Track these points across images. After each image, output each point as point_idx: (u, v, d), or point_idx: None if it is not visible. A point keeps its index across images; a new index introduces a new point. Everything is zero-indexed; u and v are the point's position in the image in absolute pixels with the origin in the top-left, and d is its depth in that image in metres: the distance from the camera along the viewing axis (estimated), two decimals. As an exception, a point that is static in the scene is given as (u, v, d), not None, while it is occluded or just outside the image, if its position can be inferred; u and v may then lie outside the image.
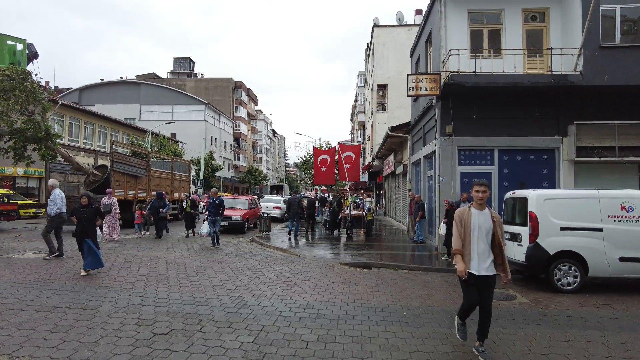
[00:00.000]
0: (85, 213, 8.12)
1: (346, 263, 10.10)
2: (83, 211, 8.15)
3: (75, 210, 8.37)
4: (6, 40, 13.62)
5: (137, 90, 53.79)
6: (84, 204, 8.24)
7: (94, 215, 8.29)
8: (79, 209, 8.21)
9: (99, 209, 8.79)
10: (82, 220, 8.10)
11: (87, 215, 8.12)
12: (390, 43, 32.48)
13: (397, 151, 21.87)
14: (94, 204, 8.78)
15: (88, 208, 8.24)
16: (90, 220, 8.16)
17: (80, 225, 8.09)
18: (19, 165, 15.59)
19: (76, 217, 8.21)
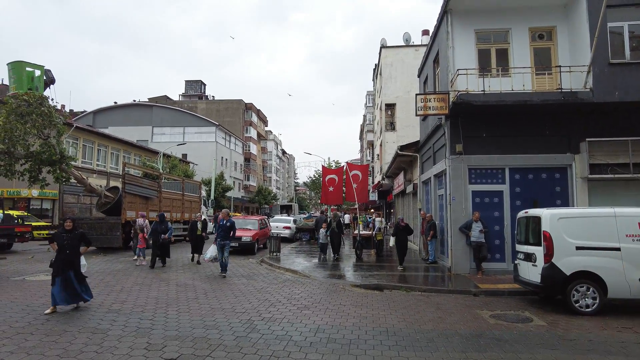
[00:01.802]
0: (68, 239, 6.93)
1: (357, 285, 9.96)
2: (66, 237, 6.95)
3: (55, 236, 7.11)
4: (25, 66, 14.08)
5: (150, 113, 54.86)
6: (67, 228, 7.01)
7: (79, 242, 7.12)
8: (61, 235, 6.99)
9: (84, 234, 7.41)
10: (64, 247, 6.86)
11: (72, 242, 6.95)
12: (397, 63, 32.83)
13: (406, 170, 21.79)
14: (79, 229, 7.48)
15: (72, 233, 7.03)
16: (74, 247, 6.99)
17: (63, 254, 6.84)
18: (33, 188, 15.82)
19: (57, 244, 6.93)
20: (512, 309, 7.70)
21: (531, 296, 8.73)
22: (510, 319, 6.91)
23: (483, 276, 11.11)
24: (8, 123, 12.73)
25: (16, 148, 13.07)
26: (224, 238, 11.07)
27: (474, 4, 12.47)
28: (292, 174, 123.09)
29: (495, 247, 11.91)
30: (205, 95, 73.07)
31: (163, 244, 12.52)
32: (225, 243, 11.07)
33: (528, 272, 8.14)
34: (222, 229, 11.11)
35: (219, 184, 45.77)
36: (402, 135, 30.14)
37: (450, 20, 12.70)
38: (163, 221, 13.07)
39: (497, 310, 7.54)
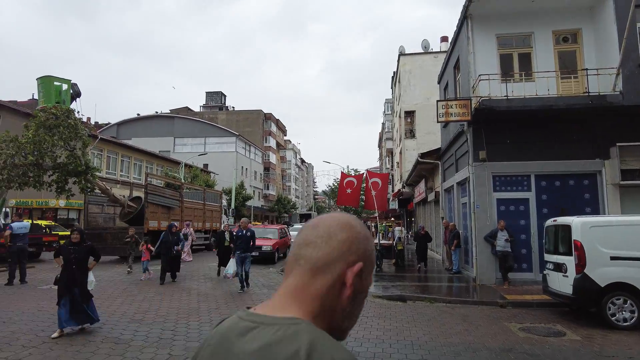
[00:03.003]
0: (76, 253, 6.27)
1: (379, 296, 9.76)
2: (73, 250, 6.26)
3: (61, 250, 6.48)
4: (53, 81, 14.55)
5: (171, 124, 55.97)
6: (75, 240, 6.33)
7: (87, 256, 6.46)
8: (67, 248, 6.32)
9: (93, 247, 6.73)
10: (71, 262, 6.20)
11: (79, 256, 6.29)
12: (416, 70, 32.65)
13: (427, 178, 21.48)
14: (87, 241, 6.72)
15: (80, 246, 6.37)
16: (82, 262, 6.34)
17: (69, 269, 6.20)
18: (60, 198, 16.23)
19: (63, 259, 6.31)
20: (542, 321, 7.38)
21: (562, 308, 8.36)
22: (541, 333, 6.62)
23: (510, 287, 10.75)
24: (37, 136, 13.14)
25: (44, 160, 13.46)
26: (244, 250, 10.08)
27: (494, 8, 12.26)
28: (311, 183, 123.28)
29: (522, 256, 11.53)
30: (226, 106, 74.19)
31: (174, 257, 11.54)
32: (245, 256, 10.08)
33: (558, 283, 7.81)
34: (241, 240, 10.12)
35: (239, 193, 46.14)
36: (422, 143, 29.82)
37: (471, 26, 12.52)
38: (174, 231, 11.99)
39: (527, 322, 7.24)
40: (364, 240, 0.90)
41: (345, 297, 0.85)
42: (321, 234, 0.88)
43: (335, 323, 0.86)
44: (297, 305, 0.83)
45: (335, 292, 0.84)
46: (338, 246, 0.86)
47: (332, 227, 0.89)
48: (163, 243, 11.52)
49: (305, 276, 0.85)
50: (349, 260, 0.86)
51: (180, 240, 12.10)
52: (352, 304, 0.86)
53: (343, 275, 0.84)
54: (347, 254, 0.86)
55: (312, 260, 0.85)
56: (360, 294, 0.88)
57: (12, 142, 13.10)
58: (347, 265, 0.85)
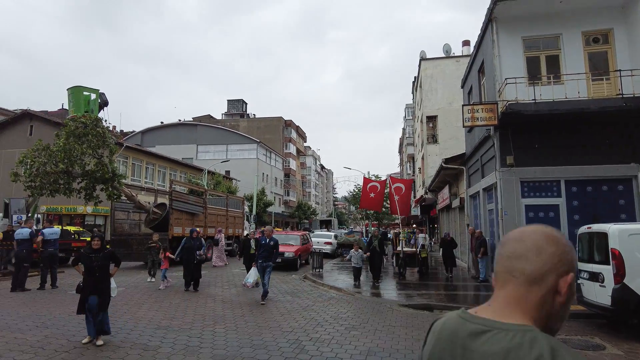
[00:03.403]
0: (98, 260, 6.14)
1: (405, 305, 9.57)
2: (95, 257, 6.14)
3: (81, 257, 6.34)
4: (82, 91, 15.00)
5: (194, 131, 56.94)
6: (95, 247, 6.20)
7: (108, 262, 6.33)
8: (88, 255, 6.17)
9: (114, 253, 6.73)
10: (93, 269, 6.09)
11: (100, 263, 6.16)
12: (438, 75, 32.31)
13: (452, 183, 21.10)
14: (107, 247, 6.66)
15: (101, 253, 6.24)
16: (103, 269, 6.22)
17: (92, 277, 6.06)
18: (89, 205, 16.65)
19: (85, 266, 6.18)
20: (579, 333, 7.07)
21: (599, 320, 8.01)
22: (578, 346, 6.33)
23: (540, 296, 10.37)
24: (67, 144, 13.54)
25: (74, 167, 13.83)
26: (266, 259, 9.48)
27: (520, 10, 12.01)
28: (331, 189, 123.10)
29: (553, 265, 11.12)
30: (247, 114, 75.05)
31: (196, 263, 11.14)
32: (267, 265, 9.47)
33: (594, 293, 7.47)
34: (264, 249, 9.54)
35: (261, 200, 46.43)
36: (445, 148, 29.40)
37: (496, 29, 12.29)
38: (195, 237, 11.71)
39: (562, 334, 6.94)
40: (570, 252, 1.00)
41: (559, 303, 0.97)
42: (530, 247, 0.99)
43: (548, 326, 0.97)
44: (520, 313, 0.95)
45: (550, 299, 0.96)
46: (549, 259, 0.97)
47: (539, 240, 1.00)
48: (185, 249, 11.23)
49: (522, 287, 0.97)
50: (561, 271, 0.97)
51: (202, 245, 11.89)
52: (563, 308, 0.98)
53: (556, 285, 0.96)
54: (559, 265, 0.97)
55: (526, 273, 0.97)
56: (570, 299, 0.98)
57: (44, 150, 13.53)
58: (559, 276, 0.96)
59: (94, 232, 6.56)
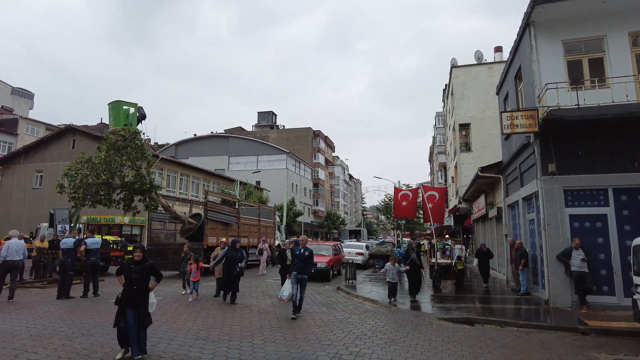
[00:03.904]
0: (137, 272, 5.94)
1: (444, 318, 9.26)
2: (135, 269, 5.95)
3: (123, 268, 6.17)
4: (122, 105, 15.59)
5: (226, 143, 58.18)
6: (137, 259, 6.05)
7: (148, 276, 6.09)
8: (129, 267, 6.02)
9: (155, 266, 6.35)
10: (132, 282, 5.89)
11: (140, 276, 5.95)
12: (470, 82, 31.74)
13: (487, 193, 20.48)
14: (149, 260, 6.36)
15: (142, 265, 6.04)
16: (143, 282, 5.99)
17: (130, 289, 5.88)
18: (127, 215, 17.17)
19: (125, 278, 6.02)
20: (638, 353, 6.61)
21: (657, 338, 7.47)
22: (637, 366, 5.90)
23: (589, 311, 9.82)
24: (108, 156, 14.05)
25: (114, 179, 14.32)
26: (301, 271, 9.01)
27: (560, 13, 11.61)
28: (360, 199, 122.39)
29: (601, 278, 10.53)
30: (276, 125, 76.07)
31: (236, 275, 10.81)
32: (302, 277, 9.02)
33: (653, 310, 6.99)
34: (299, 260, 9.06)
35: (290, 210, 46.67)
36: (478, 156, 28.70)
37: (534, 33, 11.93)
38: (237, 248, 11.32)
39: (620, 354, 6.51)
40: None
41: None
42: None
43: None
44: None
45: None
46: None
47: None
48: (227, 260, 10.84)
49: None
50: None
51: (243, 257, 11.44)
52: None
53: None
54: None
55: None
56: None
57: (87, 162, 14.09)
58: None
59: (137, 244, 6.12)
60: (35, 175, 31.87)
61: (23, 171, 32.21)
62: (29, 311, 9.19)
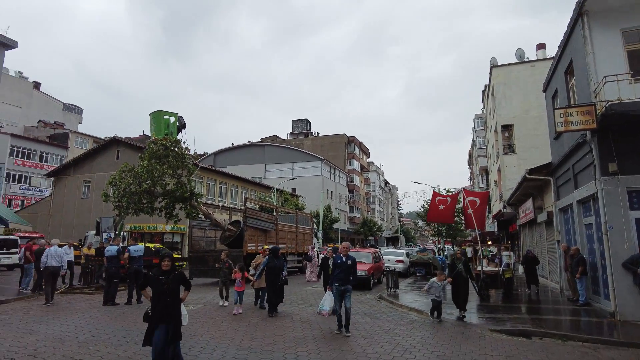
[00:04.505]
0: (168, 283, 5.34)
1: (496, 330, 8.63)
2: (165, 280, 5.32)
3: (149, 280, 5.46)
4: (162, 115, 15.96)
5: (262, 151, 58.98)
6: (165, 269, 5.41)
7: (178, 285, 5.49)
8: (158, 278, 5.34)
9: (184, 275, 5.72)
10: (164, 294, 5.26)
11: (172, 286, 5.36)
12: (512, 82, 30.49)
13: (535, 196, 19.36)
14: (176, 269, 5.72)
15: (171, 275, 5.43)
16: (174, 293, 5.40)
17: (162, 302, 5.23)
18: (169, 223, 17.48)
19: (154, 290, 5.33)
20: None
21: None
22: None
23: (663, 325, 8.87)
24: (150, 165, 14.35)
25: (156, 187, 14.60)
26: (343, 282, 8.01)
27: (618, 0, 10.77)
28: (396, 205, 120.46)
29: (675, 288, 9.52)
30: (311, 132, 76.40)
31: (282, 285, 10.18)
32: (345, 289, 7.99)
33: None
34: (340, 269, 8.03)
35: (327, 216, 46.43)
36: (523, 158, 27.37)
37: (587, 24, 11.11)
38: (279, 255, 10.53)
39: None
40: None
41: None
42: None
43: None
44: None
45: None
46: None
47: None
48: (269, 269, 10.10)
49: None
50: None
51: (284, 265, 10.63)
52: None
53: None
54: None
55: None
56: None
57: (130, 172, 14.45)
58: None
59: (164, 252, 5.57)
60: (83, 185, 33.38)
61: (73, 182, 33.83)
62: (78, 317, 9.38)
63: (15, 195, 42.00)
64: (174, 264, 5.66)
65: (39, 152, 44.40)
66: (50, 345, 6.86)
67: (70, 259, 15.07)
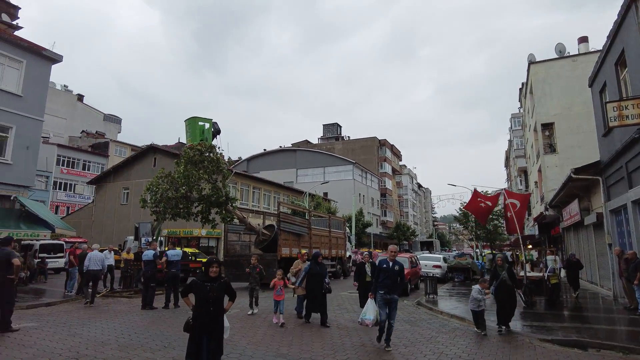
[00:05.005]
0: (214, 290, 4.88)
1: (548, 340, 8.06)
2: (210, 287, 4.87)
3: (194, 287, 4.98)
4: (198, 121, 16.24)
5: (293, 156, 59.35)
6: (213, 275, 4.94)
7: (223, 294, 5.03)
8: (203, 285, 4.90)
9: (229, 284, 5.20)
10: (208, 302, 4.83)
11: (217, 294, 4.92)
12: (552, 78, 29.20)
13: (581, 197, 18.29)
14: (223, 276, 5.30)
15: (218, 282, 4.97)
16: (219, 302, 4.96)
17: (205, 311, 4.81)
18: (205, 228, 17.70)
19: (198, 298, 4.89)
20: None
21: None
22: None
23: None
24: (186, 171, 14.57)
25: (192, 192, 14.80)
26: (390, 290, 7.09)
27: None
28: (430, 209, 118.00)
29: None
30: (341, 136, 76.17)
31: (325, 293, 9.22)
32: (392, 298, 7.06)
33: None
34: (386, 276, 7.15)
35: (359, 220, 45.97)
36: (566, 158, 26.05)
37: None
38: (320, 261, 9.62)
39: None
40: None
41: None
42: None
43: None
44: None
45: None
46: None
47: None
48: (311, 276, 9.30)
49: None
50: None
51: (326, 272, 9.70)
52: None
53: None
54: None
55: None
56: None
57: (167, 177, 14.72)
58: None
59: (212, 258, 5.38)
60: (122, 192, 34.57)
61: (112, 189, 35.12)
62: (118, 320, 9.54)
63: (62, 202, 44.09)
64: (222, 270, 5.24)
65: (82, 161, 46.49)
66: (92, 348, 6.95)
67: (111, 263, 15.54)
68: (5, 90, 16.35)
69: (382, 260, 7.47)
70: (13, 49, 16.74)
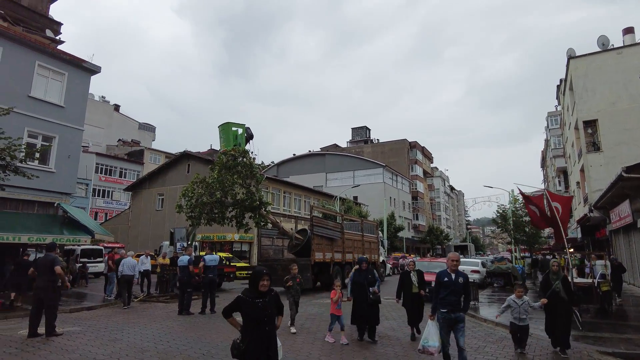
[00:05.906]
0: (266, 307, 4.03)
1: (609, 352, 7.44)
2: (262, 304, 4.02)
3: (243, 304, 4.02)
4: (231, 126, 16.37)
5: (323, 161, 59.27)
6: (263, 289, 4.07)
7: (275, 310, 4.20)
8: (255, 302, 4.01)
9: (279, 296, 4.31)
10: (263, 321, 3.98)
11: (272, 311, 4.10)
12: (594, 73, 27.82)
13: (633, 197, 17.17)
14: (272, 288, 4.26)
15: (268, 297, 4.10)
16: (272, 320, 4.11)
17: (260, 332, 3.96)
18: (240, 232, 17.77)
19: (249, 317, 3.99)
20: None
21: None
22: None
23: None
24: (220, 176, 14.65)
25: (227, 197, 14.85)
26: (454, 307, 5.89)
27: None
28: (462, 211, 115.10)
29: None
30: (370, 139, 75.56)
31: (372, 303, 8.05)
32: (457, 317, 5.87)
33: None
34: (449, 291, 5.93)
35: (391, 224, 45.26)
36: (611, 156, 24.67)
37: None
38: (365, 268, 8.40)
39: None
40: None
41: None
42: None
43: None
44: None
45: None
46: None
47: None
48: (355, 284, 8.31)
49: None
50: None
51: (375, 279, 8.49)
52: None
53: None
54: None
55: None
56: None
57: (202, 182, 14.84)
58: None
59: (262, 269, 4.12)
60: (157, 198, 35.42)
61: (148, 195, 36.05)
62: (156, 325, 9.58)
63: (100, 209, 45.72)
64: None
65: (118, 169, 48.11)
66: (132, 354, 6.94)
67: (147, 268, 15.80)
68: (49, 102, 17.03)
69: (443, 272, 6.28)
70: (56, 62, 17.45)
